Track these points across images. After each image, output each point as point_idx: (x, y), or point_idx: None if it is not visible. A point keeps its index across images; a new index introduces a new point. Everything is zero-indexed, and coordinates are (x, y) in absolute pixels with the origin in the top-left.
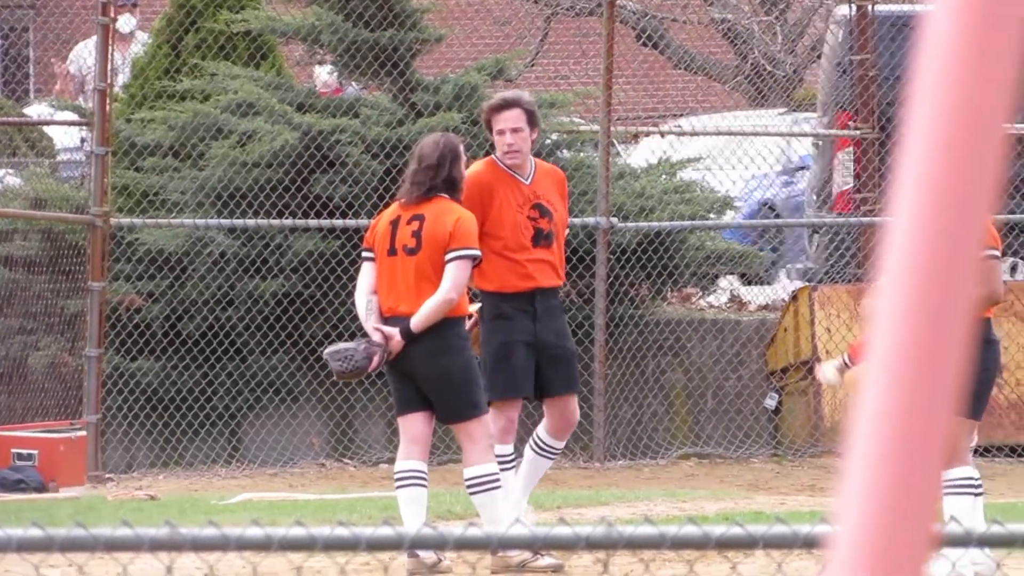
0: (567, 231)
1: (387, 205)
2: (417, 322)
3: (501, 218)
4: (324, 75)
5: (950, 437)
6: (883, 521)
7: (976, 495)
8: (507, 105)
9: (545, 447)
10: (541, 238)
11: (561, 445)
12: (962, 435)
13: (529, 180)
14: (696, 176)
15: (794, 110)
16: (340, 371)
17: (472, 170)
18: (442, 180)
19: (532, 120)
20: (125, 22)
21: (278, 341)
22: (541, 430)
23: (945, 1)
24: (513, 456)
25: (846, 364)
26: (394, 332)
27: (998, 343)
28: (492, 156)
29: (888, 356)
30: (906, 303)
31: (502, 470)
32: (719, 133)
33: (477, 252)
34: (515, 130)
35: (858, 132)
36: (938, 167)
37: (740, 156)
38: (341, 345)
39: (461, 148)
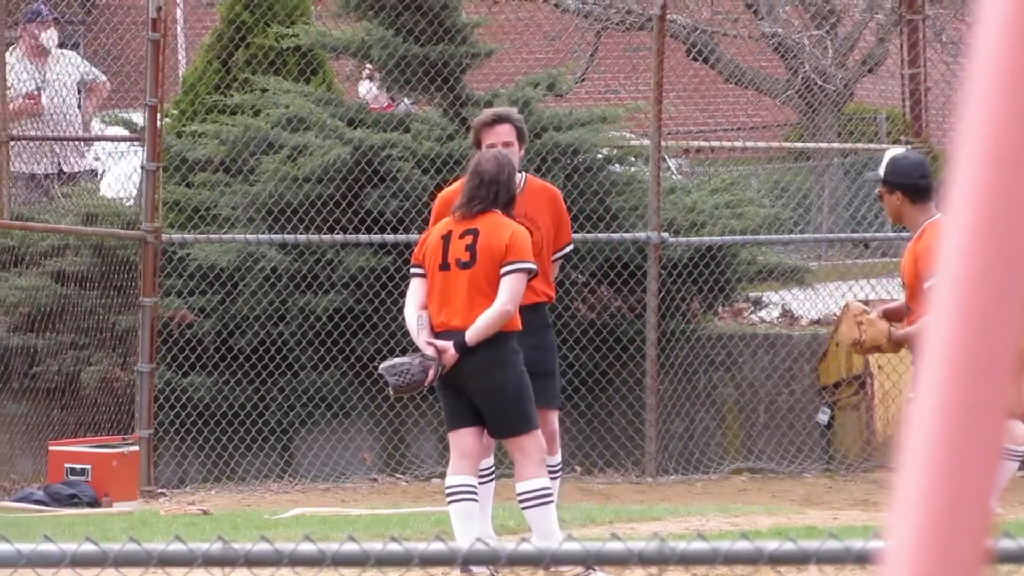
0: (567, 248)
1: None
2: (472, 335)
3: None
4: (367, 88)
5: (1001, 449)
6: (935, 536)
7: None
8: (499, 120)
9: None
10: None
11: (556, 460)
12: None
13: None
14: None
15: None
16: (396, 385)
17: (447, 188)
18: (501, 197)
19: (521, 136)
20: (48, 37)
21: (330, 356)
22: None
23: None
24: (489, 469)
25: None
26: (448, 345)
27: None
28: None
29: (939, 369)
30: (958, 314)
31: (483, 482)
32: (771, 147)
33: (533, 266)
34: (506, 144)
35: (910, 146)
36: (990, 178)
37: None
38: (396, 360)
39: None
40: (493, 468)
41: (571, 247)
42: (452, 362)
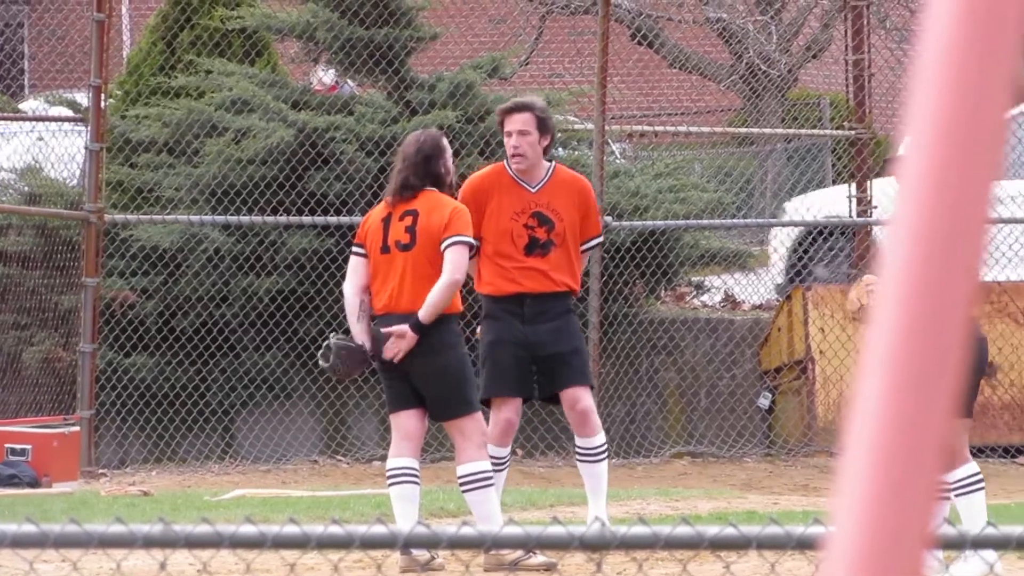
0: (596, 240)
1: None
2: (425, 313)
3: (493, 224)
4: (322, 74)
5: (949, 436)
6: (880, 522)
7: (980, 489)
8: (518, 108)
9: (580, 450)
10: (536, 247)
11: (594, 442)
12: (960, 434)
13: (536, 187)
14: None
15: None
16: (334, 367)
17: (475, 174)
18: (429, 176)
19: (543, 126)
20: None
21: (272, 338)
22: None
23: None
24: (507, 459)
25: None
26: (404, 329)
27: (985, 340)
28: (503, 162)
29: (885, 353)
30: (904, 299)
31: (495, 471)
32: (714, 132)
33: (472, 240)
34: (521, 132)
35: (853, 132)
36: (937, 162)
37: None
38: (351, 344)
39: (444, 142)
40: (507, 458)
41: (599, 240)
42: (412, 344)
